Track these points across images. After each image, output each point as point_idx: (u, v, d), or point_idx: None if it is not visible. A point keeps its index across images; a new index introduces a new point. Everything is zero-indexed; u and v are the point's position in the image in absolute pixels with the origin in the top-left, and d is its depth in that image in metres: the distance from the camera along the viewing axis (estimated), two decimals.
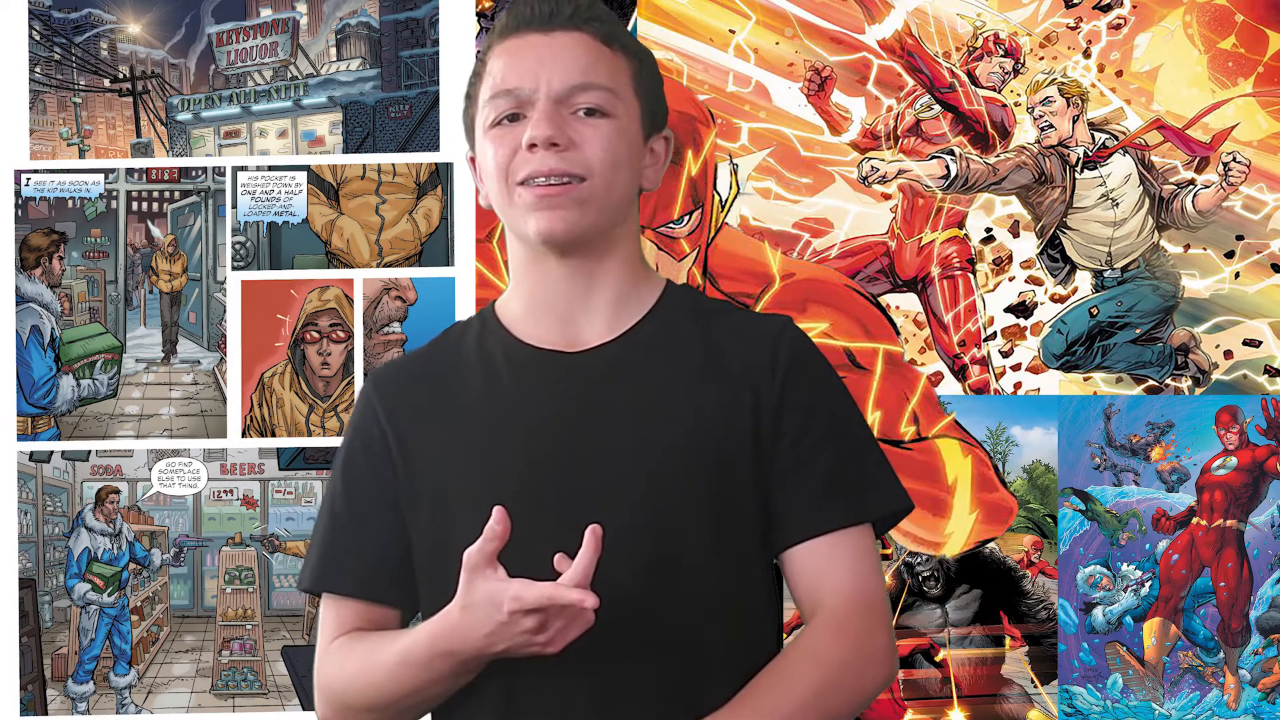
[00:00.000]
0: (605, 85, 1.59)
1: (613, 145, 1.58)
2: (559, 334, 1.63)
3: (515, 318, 1.66)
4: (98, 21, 3.14)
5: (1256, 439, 2.97)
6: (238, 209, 3.10)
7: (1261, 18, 2.98)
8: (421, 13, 3.10)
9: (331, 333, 3.09)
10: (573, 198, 1.56)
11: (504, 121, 1.59)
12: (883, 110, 3.02)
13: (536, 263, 1.63)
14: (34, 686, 3.10)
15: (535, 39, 1.60)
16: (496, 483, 1.57)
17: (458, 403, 1.63)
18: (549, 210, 1.56)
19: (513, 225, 1.62)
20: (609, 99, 1.59)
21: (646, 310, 1.64)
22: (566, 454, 1.57)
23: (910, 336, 3.02)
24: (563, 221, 1.56)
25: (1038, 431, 3.00)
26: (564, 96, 1.57)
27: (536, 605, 1.40)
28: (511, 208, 1.59)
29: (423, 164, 3.08)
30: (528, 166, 1.56)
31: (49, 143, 3.13)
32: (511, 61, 1.59)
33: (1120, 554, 2.99)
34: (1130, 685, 2.99)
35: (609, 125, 1.58)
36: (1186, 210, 2.99)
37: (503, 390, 1.62)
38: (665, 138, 1.69)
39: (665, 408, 1.58)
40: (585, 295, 1.62)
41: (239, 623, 3.11)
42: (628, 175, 1.62)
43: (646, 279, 1.67)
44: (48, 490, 3.11)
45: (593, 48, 1.60)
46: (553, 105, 1.56)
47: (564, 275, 1.62)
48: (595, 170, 1.57)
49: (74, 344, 3.12)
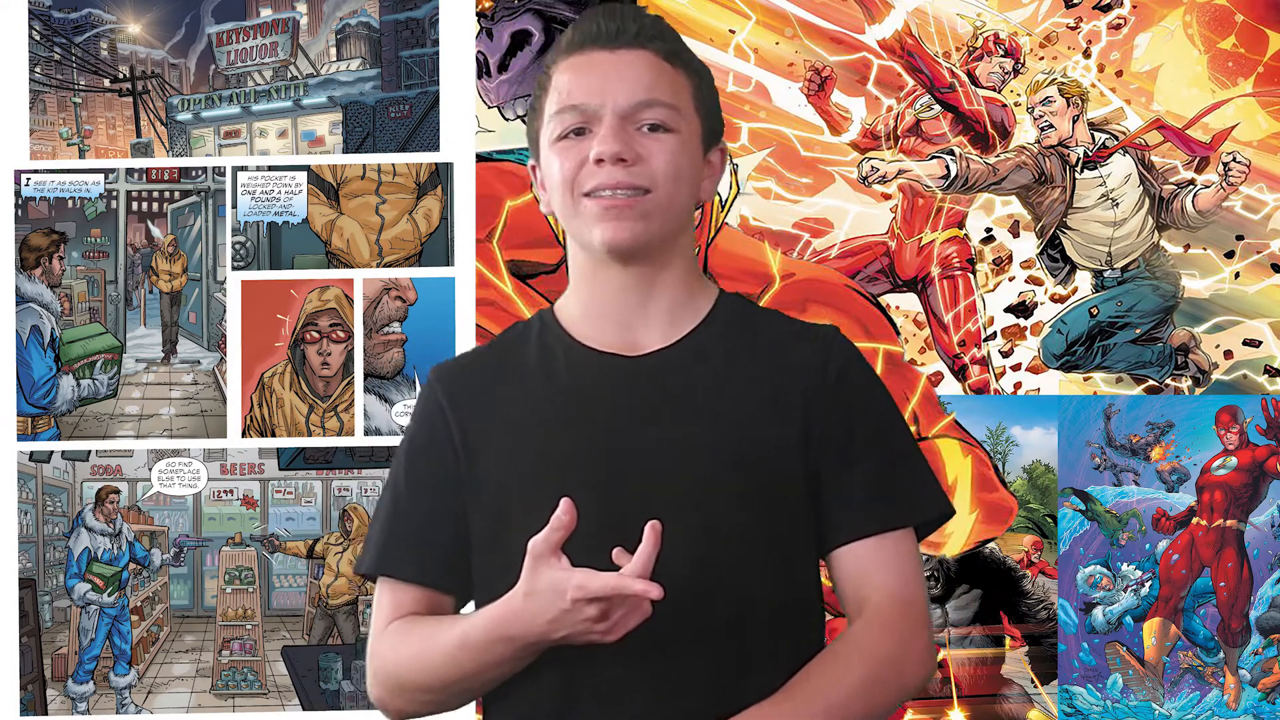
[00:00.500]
0: (668, 102, 1.65)
1: (675, 160, 1.65)
2: (617, 338, 1.69)
3: (574, 321, 1.72)
4: (98, 21, 3.14)
5: (1256, 439, 2.97)
6: (238, 209, 3.10)
7: (1261, 18, 2.98)
8: (421, 13, 3.10)
9: (331, 333, 3.09)
10: (638, 209, 1.63)
11: (570, 135, 1.65)
12: (883, 110, 3.02)
13: (598, 270, 1.69)
14: (34, 686, 3.10)
15: (602, 56, 1.66)
16: (555, 478, 1.63)
17: (519, 399, 1.70)
18: (615, 220, 1.63)
19: (577, 234, 1.68)
20: (672, 115, 1.65)
21: (701, 318, 1.71)
22: (623, 453, 1.64)
23: (910, 336, 3.02)
24: (628, 231, 1.63)
25: (1038, 431, 3.00)
26: (629, 113, 1.64)
27: (600, 594, 1.46)
28: (577, 217, 1.66)
29: (423, 164, 3.08)
30: (594, 179, 1.63)
31: (49, 143, 3.13)
32: (578, 78, 1.66)
33: (1120, 554, 2.99)
34: (1130, 685, 2.99)
35: (672, 140, 1.65)
36: (1186, 210, 2.99)
37: (563, 390, 1.69)
38: (721, 150, 1.75)
39: (719, 411, 1.65)
40: (644, 302, 1.69)
41: (239, 623, 3.11)
42: (688, 188, 1.68)
43: (701, 287, 1.75)
44: (48, 490, 3.11)
45: (656, 65, 1.66)
46: (619, 121, 1.63)
47: (624, 282, 1.68)
48: (659, 183, 1.64)
49: (74, 344, 3.12)
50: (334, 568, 3.10)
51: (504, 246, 3.06)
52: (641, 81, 1.65)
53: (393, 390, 3.08)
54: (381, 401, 3.08)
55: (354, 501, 3.10)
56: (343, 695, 3.07)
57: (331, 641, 3.10)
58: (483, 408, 1.71)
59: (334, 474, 3.10)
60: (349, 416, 3.08)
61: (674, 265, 1.70)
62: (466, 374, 1.76)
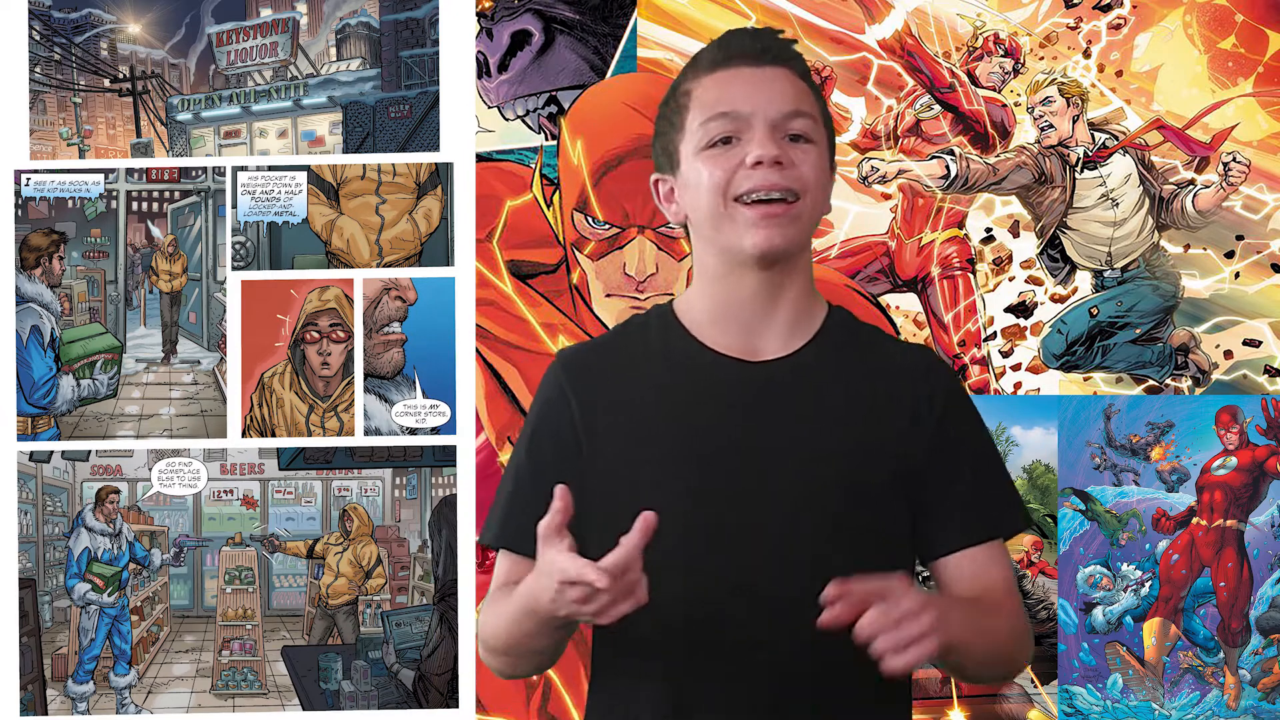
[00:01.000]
0: (811, 113, 1.76)
1: (819, 167, 1.75)
2: (741, 343, 1.77)
3: (699, 323, 1.79)
4: (98, 21, 3.14)
5: (1256, 439, 2.97)
6: (238, 209, 3.10)
7: (1261, 18, 2.98)
8: (421, 13, 3.10)
9: (331, 333, 3.09)
10: (791, 215, 1.71)
11: (718, 144, 1.73)
12: (883, 110, 3.02)
13: (731, 273, 1.76)
14: (34, 686, 3.10)
15: (748, 71, 1.76)
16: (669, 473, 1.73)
17: (641, 392, 1.78)
18: (771, 227, 1.70)
19: (723, 238, 1.74)
20: (813, 126, 1.75)
21: (816, 329, 1.80)
22: (738, 455, 1.72)
23: (910, 336, 3.02)
24: (782, 237, 1.71)
25: (1038, 431, 3.00)
26: (779, 121, 1.73)
27: (573, 579, 1.54)
28: (729, 221, 1.72)
29: (423, 164, 3.08)
30: (749, 182, 1.71)
31: (49, 143, 3.13)
32: (727, 89, 1.75)
33: (1120, 554, 2.99)
34: (1130, 685, 2.99)
35: (814, 150, 1.75)
36: (1186, 210, 2.99)
37: (684, 387, 1.77)
38: (833, 166, 1.82)
39: (833, 422, 1.75)
40: (770, 308, 1.77)
41: (239, 623, 3.11)
42: (825, 196, 1.78)
43: (816, 299, 1.82)
44: (48, 490, 3.11)
45: (796, 81, 1.77)
46: (770, 128, 1.72)
47: (756, 287, 1.76)
48: (809, 188, 1.73)
49: (74, 344, 3.12)
50: (334, 568, 3.10)
51: (504, 246, 3.06)
52: (788, 94, 1.74)
53: (393, 390, 3.08)
54: (381, 401, 3.08)
55: (354, 501, 3.10)
56: (342, 695, 3.07)
57: (331, 641, 3.10)
58: (604, 393, 1.78)
59: (334, 474, 3.11)
60: (349, 416, 3.08)
61: (800, 274, 1.78)
62: (590, 360, 1.84)
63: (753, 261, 1.73)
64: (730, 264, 1.76)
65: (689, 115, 1.77)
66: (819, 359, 1.78)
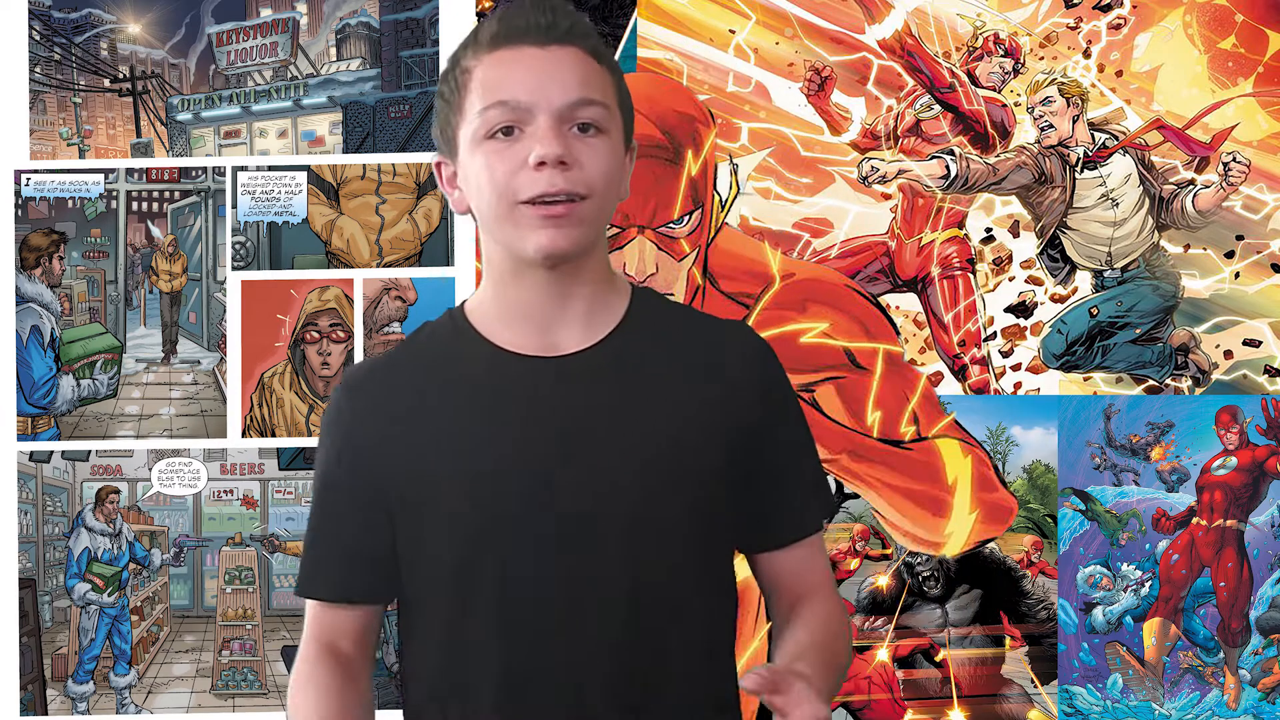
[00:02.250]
0: (601, 101, 1.61)
1: (609, 163, 1.61)
2: (536, 340, 1.66)
3: (490, 323, 1.68)
4: (98, 21, 3.14)
5: (1256, 439, 2.97)
6: (238, 209, 3.10)
7: (1261, 18, 2.98)
8: (421, 13, 3.10)
9: (331, 333, 3.09)
10: (575, 216, 1.58)
11: (498, 135, 1.59)
12: (883, 110, 3.02)
13: (518, 273, 1.65)
14: (34, 686, 3.10)
15: (532, 52, 1.60)
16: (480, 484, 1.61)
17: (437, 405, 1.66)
18: (554, 229, 1.58)
19: (506, 239, 1.62)
20: (604, 115, 1.61)
21: (619, 318, 1.68)
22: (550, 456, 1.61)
23: (910, 336, 3.02)
24: (566, 239, 1.58)
25: (1038, 431, 3.00)
26: (565, 112, 1.58)
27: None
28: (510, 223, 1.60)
29: (423, 164, 3.08)
30: (535, 186, 1.57)
31: (49, 143, 3.13)
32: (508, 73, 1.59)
33: (1120, 554, 2.99)
34: (1130, 685, 2.99)
35: (604, 143, 1.61)
36: (1186, 210, 2.99)
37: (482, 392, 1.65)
38: (632, 149, 1.71)
39: (646, 412, 1.64)
40: (563, 304, 1.65)
41: (239, 623, 3.11)
42: (615, 190, 1.65)
43: (615, 286, 1.71)
44: (48, 490, 3.11)
45: (587, 63, 1.61)
46: (555, 121, 1.58)
47: (545, 285, 1.64)
48: (597, 190, 1.60)
49: (74, 344, 3.12)
50: None
51: None
52: (575, 79, 1.59)
53: None
54: None
55: None
56: None
57: None
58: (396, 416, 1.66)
59: None
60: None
61: (591, 265, 1.66)
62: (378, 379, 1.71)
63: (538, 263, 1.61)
64: (516, 262, 1.63)
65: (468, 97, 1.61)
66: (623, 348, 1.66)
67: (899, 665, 3.01)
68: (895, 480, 2.96)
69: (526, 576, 1.59)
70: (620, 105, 1.65)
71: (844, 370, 2.99)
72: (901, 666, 3.01)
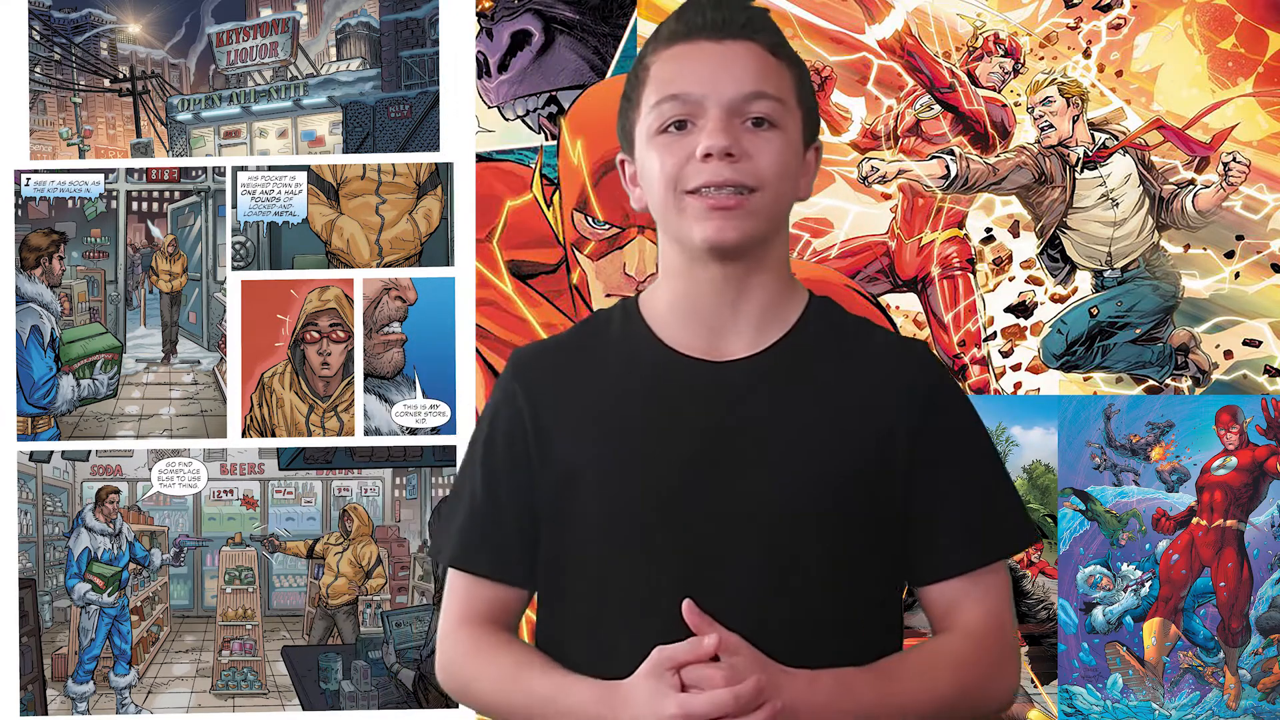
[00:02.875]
0: (775, 95, 1.60)
1: (782, 157, 1.60)
2: (705, 341, 1.64)
3: (661, 319, 1.67)
4: (98, 21, 3.14)
5: (1256, 439, 2.97)
6: (238, 209, 3.10)
7: (1261, 18, 2.98)
8: (421, 13, 3.10)
9: (331, 333, 3.09)
10: (745, 209, 1.57)
11: (671, 129, 1.59)
12: (883, 110, 3.02)
13: (692, 267, 1.63)
14: (34, 686, 3.10)
15: (707, 46, 1.60)
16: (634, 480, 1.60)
17: (599, 393, 1.65)
18: (721, 220, 1.57)
19: (675, 230, 1.62)
20: (778, 109, 1.60)
21: (791, 325, 1.66)
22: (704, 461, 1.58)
23: (910, 336, 3.02)
24: (734, 231, 1.57)
25: (1038, 431, 3.00)
26: (737, 105, 1.58)
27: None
28: (679, 214, 1.59)
29: (423, 164, 3.08)
30: (700, 176, 1.57)
31: (49, 143, 3.13)
32: (682, 67, 1.60)
33: (1120, 554, 2.99)
34: (1130, 685, 2.99)
35: (778, 137, 1.60)
36: (1186, 210, 2.99)
37: (644, 390, 1.64)
38: (817, 148, 1.70)
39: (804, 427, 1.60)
40: (735, 304, 1.63)
41: (239, 623, 3.11)
42: (791, 186, 1.63)
43: (793, 290, 1.68)
44: (48, 490, 3.11)
45: (763, 57, 1.61)
46: (726, 114, 1.57)
47: (718, 282, 1.62)
48: (766, 182, 1.58)
49: (74, 344, 3.12)
50: (334, 568, 3.10)
51: (504, 246, 3.06)
52: (749, 73, 1.59)
53: (393, 390, 3.08)
54: (381, 401, 3.08)
55: (354, 501, 3.10)
56: (343, 695, 3.07)
57: (331, 641, 3.10)
58: (560, 397, 1.66)
59: (334, 474, 3.10)
60: (349, 416, 3.08)
61: (768, 265, 1.64)
62: (545, 362, 1.72)
63: (707, 254, 1.60)
64: (688, 257, 1.62)
65: (645, 92, 1.62)
66: (790, 358, 1.63)
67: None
68: None
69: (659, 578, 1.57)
70: (801, 102, 1.64)
71: None
72: None
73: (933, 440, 1.63)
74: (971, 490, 1.65)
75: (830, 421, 1.60)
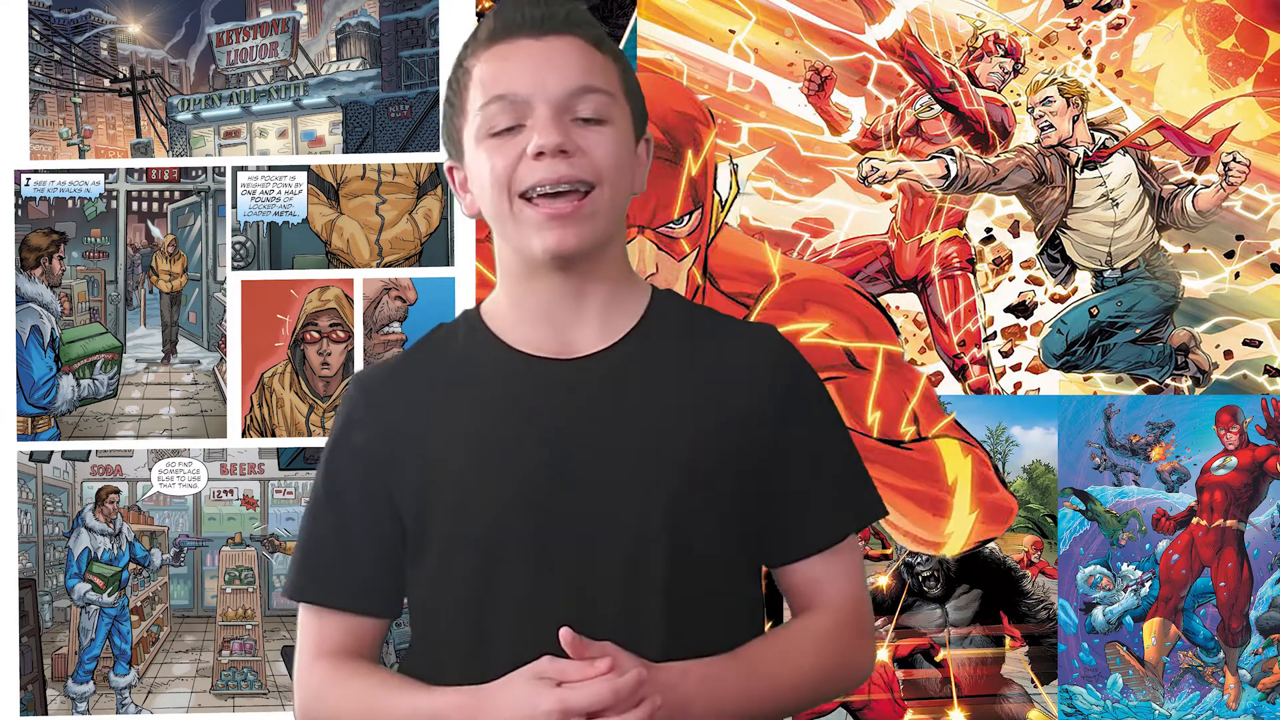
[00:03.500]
0: (603, 88, 1.57)
1: (616, 150, 1.57)
2: (552, 341, 1.61)
3: (505, 324, 1.64)
4: (98, 21, 3.14)
5: (1256, 439, 2.97)
6: (238, 209, 3.10)
7: (1261, 18, 2.98)
8: (421, 13, 3.10)
9: (331, 333, 3.09)
10: (584, 213, 1.54)
11: (500, 133, 1.55)
12: (883, 110, 3.02)
13: (530, 273, 1.60)
14: (34, 686, 3.10)
15: (528, 44, 1.56)
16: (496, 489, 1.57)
17: (452, 408, 1.62)
18: (560, 228, 1.54)
19: (512, 238, 1.59)
20: (607, 103, 1.57)
21: (637, 318, 1.64)
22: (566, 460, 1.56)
23: (910, 336, 3.02)
24: (574, 238, 1.54)
25: (1038, 431, 3.00)
26: (565, 102, 1.54)
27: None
28: (515, 222, 1.56)
29: (423, 164, 3.08)
30: (534, 175, 1.53)
31: (49, 143, 3.13)
32: (505, 67, 1.56)
33: (1120, 554, 2.99)
34: (1130, 685, 2.99)
35: (610, 131, 1.57)
36: (1186, 210, 2.99)
37: (495, 395, 1.61)
38: (647, 140, 1.67)
39: (664, 415, 1.59)
40: (578, 304, 1.61)
41: (239, 623, 3.11)
42: (628, 180, 1.61)
43: (634, 285, 1.67)
44: (48, 490, 3.11)
45: (587, 52, 1.58)
46: (555, 111, 1.54)
47: (558, 285, 1.60)
48: (604, 177, 1.55)
49: (74, 344, 3.12)
50: None
51: None
52: (574, 68, 1.55)
53: None
54: None
55: None
56: None
57: None
58: (410, 416, 1.62)
59: None
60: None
61: (607, 263, 1.61)
62: (391, 384, 1.67)
63: (548, 263, 1.56)
64: (526, 263, 1.59)
65: (469, 96, 1.58)
66: (643, 349, 1.61)
67: (899, 665, 3.01)
68: (895, 480, 2.96)
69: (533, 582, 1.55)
70: (628, 94, 1.61)
71: (844, 370, 2.99)
72: (901, 666, 3.01)
73: (793, 421, 1.62)
74: (829, 468, 1.66)
75: (689, 407, 1.59)
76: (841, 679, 1.66)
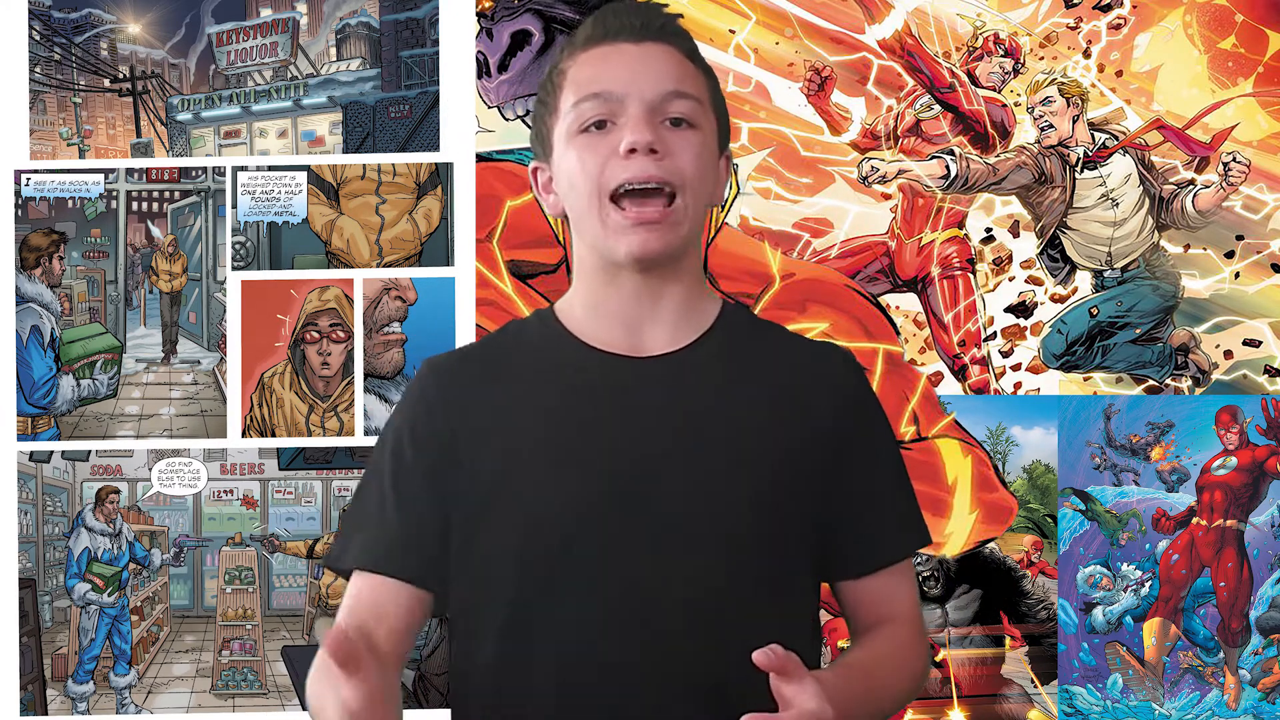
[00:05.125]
0: (694, 95, 1.62)
1: (701, 156, 1.61)
2: (624, 340, 1.65)
3: (579, 322, 1.67)
4: (98, 21, 3.14)
5: (1256, 439, 2.97)
6: (238, 209, 3.10)
7: (1261, 18, 2.98)
8: (421, 13, 3.10)
9: (331, 333, 3.09)
10: (669, 222, 1.59)
11: (591, 129, 1.60)
12: (883, 110, 3.02)
13: (609, 273, 1.64)
14: (34, 686, 3.10)
15: (626, 48, 1.62)
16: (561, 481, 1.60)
17: (519, 399, 1.65)
18: (645, 233, 1.58)
19: (597, 241, 1.62)
20: (697, 109, 1.62)
21: (708, 326, 1.67)
22: (631, 456, 1.59)
23: (910, 336, 3.02)
24: (659, 243, 1.59)
25: (1038, 431, 3.00)
26: (657, 104, 1.59)
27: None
28: (602, 224, 1.60)
29: (423, 164, 3.08)
30: (625, 172, 1.57)
31: (49, 143, 3.13)
32: (602, 67, 1.62)
33: (1120, 554, 2.99)
34: (1130, 685, 2.99)
35: (697, 136, 1.61)
36: (1186, 210, 2.99)
37: (565, 388, 1.64)
38: (728, 156, 1.72)
39: (730, 420, 1.62)
40: (653, 306, 1.64)
41: (239, 623, 3.11)
42: (710, 188, 1.65)
43: (706, 295, 1.71)
44: (48, 490, 3.11)
45: (680, 60, 1.63)
46: (647, 111, 1.58)
47: (636, 287, 1.64)
48: (687, 180, 1.59)
49: (74, 344, 3.12)
50: None
51: (504, 246, 3.06)
52: (668, 73, 1.61)
53: (393, 390, 3.08)
54: (381, 401, 3.08)
55: None
56: None
57: None
58: (477, 403, 1.65)
59: (334, 474, 3.11)
60: (349, 416, 3.08)
61: (684, 269, 1.66)
62: (461, 370, 1.70)
63: (629, 265, 1.61)
64: (605, 263, 1.63)
65: (562, 96, 1.63)
66: (712, 355, 1.65)
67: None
68: None
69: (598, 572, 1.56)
70: (715, 107, 1.66)
71: None
72: None
73: (860, 441, 1.67)
74: (896, 487, 1.72)
75: (763, 417, 1.63)
76: (917, 687, 1.73)
